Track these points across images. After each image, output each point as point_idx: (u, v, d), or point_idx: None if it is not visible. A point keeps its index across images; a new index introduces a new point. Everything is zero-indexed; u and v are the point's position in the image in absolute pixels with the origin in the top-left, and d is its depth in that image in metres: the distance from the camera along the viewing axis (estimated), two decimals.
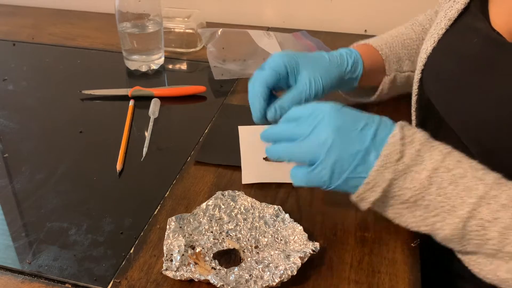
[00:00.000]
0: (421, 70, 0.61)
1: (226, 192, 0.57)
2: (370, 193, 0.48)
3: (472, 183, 0.46)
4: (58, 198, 0.61)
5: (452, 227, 0.46)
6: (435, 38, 0.59)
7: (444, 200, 0.46)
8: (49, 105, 0.82)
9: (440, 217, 0.46)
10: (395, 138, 0.47)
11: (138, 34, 0.88)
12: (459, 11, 0.57)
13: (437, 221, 0.47)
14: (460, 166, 0.47)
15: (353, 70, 0.68)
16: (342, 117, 0.49)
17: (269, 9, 1.13)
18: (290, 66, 0.63)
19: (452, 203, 0.46)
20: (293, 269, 0.47)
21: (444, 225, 0.46)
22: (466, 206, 0.45)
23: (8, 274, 0.51)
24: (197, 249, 0.51)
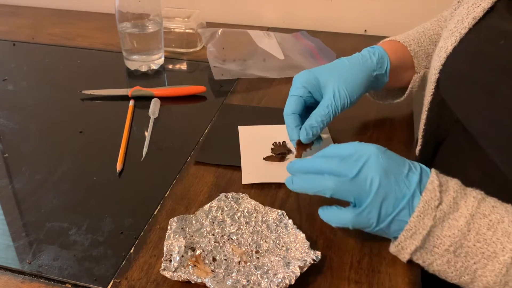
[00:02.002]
0: (439, 70, 0.58)
1: (230, 195, 0.57)
2: (411, 241, 0.47)
3: (511, 228, 0.45)
4: (58, 198, 0.61)
5: (494, 273, 0.45)
6: (456, 37, 0.56)
7: (484, 246, 0.45)
8: (49, 105, 0.82)
9: (481, 264, 0.46)
10: (434, 184, 0.47)
11: (138, 34, 0.88)
12: (485, 10, 0.54)
13: (478, 268, 0.46)
14: (496, 211, 0.46)
15: (380, 66, 0.66)
16: (388, 160, 0.49)
17: (269, 9, 1.13)
18: (310, 85, 0.63)
19: (492, 249, 0.45)
20: (291, 279, 0.47)
21: (485, 271, 0.46)
22: (507, 251, 0.44)
23: (8, 274, 0.51)
24: (197, 252, 0.51)
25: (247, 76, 0.89)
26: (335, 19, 1.10)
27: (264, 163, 0.65)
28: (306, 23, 1.10)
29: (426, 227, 0.46)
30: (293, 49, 0.95)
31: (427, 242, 0.47)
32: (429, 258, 0.48)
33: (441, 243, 0.46)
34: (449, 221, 0.46)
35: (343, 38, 1.05)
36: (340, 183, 0.48)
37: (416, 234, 0.47)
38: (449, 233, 0.46)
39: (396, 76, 0.69)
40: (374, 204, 0.47)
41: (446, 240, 0.46)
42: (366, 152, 0.49)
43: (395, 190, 0.47)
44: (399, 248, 0.49)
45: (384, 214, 0.47)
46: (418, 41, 0.71)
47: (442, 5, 0.73)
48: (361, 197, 0.48)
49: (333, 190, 0.49)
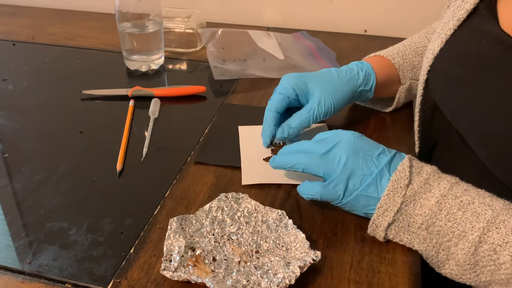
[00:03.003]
0: (427, 71, 0.61)
1: (230, 195, 0.57)
2: (383, 218, 0.51)
3: (480, 208, 0.47)
4: (58, 198, 0.61)
5: (464, 252, 0.47)
6: (442, 38, 0.59)
7: (454, 225, 0.48)
8: (49, 105, 0.82)
9: (452, 242, 0.48)
10: (404, 165, 0.51)
11: (138, 34, 0.88)
12: (468, 12, 0.56)
13: (451, 246, 0.48)
14: (468, 194, 0.49)
15: (365, 83, 0.69)
16: (360, 142, 0.53)
17: (269, 9, 1.13)
18: (298, 88, 0.65)
19: (462, 228, 0.47)
20: (291, 279, 0.47)
21: (457, 249, 0.47)
22: (475, 230, 0.46)
23: (8, 274, 0.51)
24: (197, 252, 0.51)
25: (247, 76, 0.89)
26: (335, 19, 1.10)
27: (264, 164, 0.65)
28: (306, 23, 1.10)
29: (396, 204, 0.50)
30: (293, 49, 0.95)
31: (400, 220, 0.51)
32: (407, 237, 0.51)
33: (414, 222, 0.50)
34: (421, 200, 0.49)
35: (343, 38, 1.05)
36: (311, 158, 0.54)
37: (388, 211, 0.51)
38: (420, 212, 0.49)
39: (384, 90, 0.73)
40: (341, 178, 0.52)
41: (418, 219, 0.50)
42: (341, 135, 0.54)
43: (362, 167, 0.52)
44: (374, 227, 0.52)
45: (351, 189, 0.52)
46: (402, 54, 0.73)
47: (442, 5, 0.73)
48: (329, 171, 0.53)
49: (304, 164, 0.54)
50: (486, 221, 0.46)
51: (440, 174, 0.51)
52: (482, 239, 0.46)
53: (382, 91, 0.73)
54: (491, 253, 0.46)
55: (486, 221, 0.46)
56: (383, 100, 0.77)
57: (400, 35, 1.05)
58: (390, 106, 0.76)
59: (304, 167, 0.55)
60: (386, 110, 0.76)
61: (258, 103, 0.81)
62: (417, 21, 1.04)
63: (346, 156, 0.52)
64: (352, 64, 0.71)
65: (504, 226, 0.46)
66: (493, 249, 0.45)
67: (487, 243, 0.46)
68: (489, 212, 0.47)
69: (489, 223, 0.46)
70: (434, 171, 0.51)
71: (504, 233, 0.45)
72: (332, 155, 0.53)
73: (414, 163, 0.52)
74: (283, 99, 0.64)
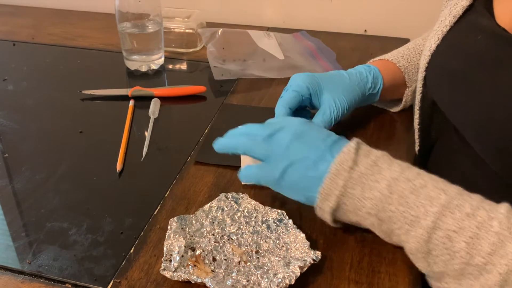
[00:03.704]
0: (425, 68, 0.61)
1: (230, 195, 0.57)
2: (326, 202, 0.49)
3: (434, 192, 0.45)
4: (58, 198, 0.61)
5: (416, 239, 0.45)
6: (439, 35, 0.59)
7: (406, 210, 0.45)
8: (49, 105, 0.82)
9: (404, 230, 0.46)
10: (349, 147, 0.49)
11: (138, 34, 0.88)
12: (464, 8, 0.57)
13: (401, 234, 0.46)
14: (421, 177, 0.47)
15: (373, 86, 0.69)
16: (306, 127, 0.52)
17: (269, 9, 1.13)
18: (312, 88, 0.64)
19: (414, 213, 0.45)
20: (291, 279, 0.47)
21: (409, 238, 0.45)
22: (429, 215, 0.44)
23: (8, 274, 0.51)
24: (197, 252, 0.51)
25: (247, 76, 0.89)
26: (335, 19, 1.10)
27: None
28: (306, 23, 1.10)
29: (338, 187, 0.47)
30: (293, 49, 0.95)
31: (347, 204, 0.48)
32: (356, 220, 0.49)
33: (362, 206, 0.47)
34: (370, 182, 0.47)
35: (343, 38, 1.05)
36: (253, 140, 0.52)
37: (330, 195, 0.48)
38: (369, 195, 0.47)
39: (390, 93, 0.73)
40: (280, 160, 0.50)
41: (367, 203, 0.47)
42: (289, 120, 0.54)
43: (304, 150, 0.50)
44: (321, 212, 0.50)
45: (289, 171, 0.50)
46: (407, 57, 0.73)
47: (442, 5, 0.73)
48: (270, 154, 0.51)
49: (245, 146, 0.53)
50: (440, 205, 0.44)
51: (391, 158, 0.49)
52: (435, 225, 0.44)
53: (388, 94, 0.73)
54: (445, 240, 0.43)
55: (440, 206, 0.44)
56: (392, 101, 0.77)
57: (400, 35, 1.06)
58: (397, 106, 0.76)
59: (245, 149, 0.53)
60: (393, 110, 0.77)
61: (258, 103, 0.81)
62: (417, 21, 1.04)
63: (290, 139, 0.50)
64: (360, 67, 0.71)
65: (459, 211, 0.44)
66: (447, 236, 0.43)
67: (441, 229, 0.43)
68: (443, 196, 0.45)
69: (444, 208, 0.44)
70: (384, 154, 0.49)
71: (459, 218, 0.43)
72: (276, 138, 0.51)
73: (362, 146, 0.50)
74: (296, 96, 0.63)
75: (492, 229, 0.42)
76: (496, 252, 0.41)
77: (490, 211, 0.43)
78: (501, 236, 0.42)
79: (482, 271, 0.42)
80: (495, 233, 0.42)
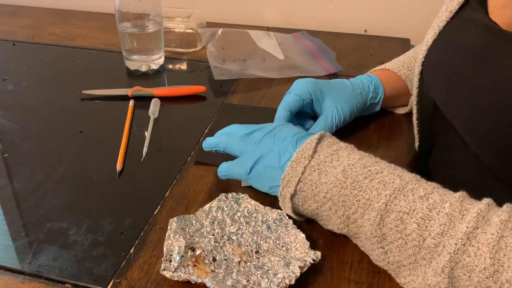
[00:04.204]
0: (422, 63, 0.62)
1: (230, 195, 0.57)
2: (287, 189, 0.51)
3: (388, 178, 0.46)
4: (58, 198, 0.61)
5: (370, 222, 0.45)
6: (435, 30, 0.60)
7: (359, 193, 0.47)
8: (49, 105, 0.82)
9: (359, 214, 0.47)
10: (312, 139, 0.51)
11: (138, 34, 0.88)
12: (460, 3, 0.58)
13: (357, 218, 0.47)
14: (378, 165, 0.48)
15: (374, 96, 0.71)
16: (280, 127, 0.56)
17: (269, 9, 1.13)
18: (315, 94, 0.65)
19: (367, 196, 0.46)
20: (291, 279, 0.47)
21: (364, 221, 0.46)
22: (381, 198, 0.45)
23: (8, 274, 0.51)
24: (197, 252, 0.51)
25: (247, 76, 0.89)
26: (335, 19, 1.10)
27: None
28: (306, 23, 1.10)
29: (298, 174, 0.50)
30: (293, 49, 0.95)
31: (305, 191, 0.50)
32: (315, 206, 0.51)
33: (319, 191, 0.50)
34: (327, 169, 0.49)
35: (343, 38, 1.05)
36: (232, 138, 0.57)
37: (290, 181, 0.51)
38: (325, 180, 0.49)
39: (392, 102, 0.75)
40: (251, 155, 0.55)
41: (323, 187, 0.49)
42: (268, 124, 0.57)
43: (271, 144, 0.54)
44: (282, 198, 0.53)
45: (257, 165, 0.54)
46: (408, 66, 0.74)
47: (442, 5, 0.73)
48: (244, 151, 0.56)
49: (225, 143, 0.58)
50: (393, 188, 0.45)
51: (354, 149, 0.51)
52: (388, 207, 0.44)
53: (390, 103, 0.75)
54: (398, 222, 0.44)
55: (393, 189, 0.45)
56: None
57: (400, 35, 1.06)
58: (403, 109, 0.77)
59: (224, 146, 0.58)
60: (398, 111, 0.77)
61: (258, 103, 0.81)
62: (417, 21, 1.04)
63: (262, 136, 0.55)
64: (362, 77, 0.72)
65: (412, 194, 0.44)
66: (399, 218, 0.44)
67: (394, 211, 0.44)
68: (398, 180, 0.46)
69: (396, 191, 0.45)
70: (348, 146, 0.52)
71: (411, 201, 0.44)
72: (251, 136, 0.56)
73: (328, 138, 0.52)
74: (298, 100, 0.65)
75: (443, 211, 0.43)
76: (446, 233, 0.42)
77: (444, 195, 0.44)
78: (451, 217, 0.42)
79: (434, 253, 0.43)
80: (446, 214, 0.43)
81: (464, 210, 0.43)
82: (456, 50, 0.56)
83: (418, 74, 0.63)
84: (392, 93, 0.73)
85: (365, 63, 0.93)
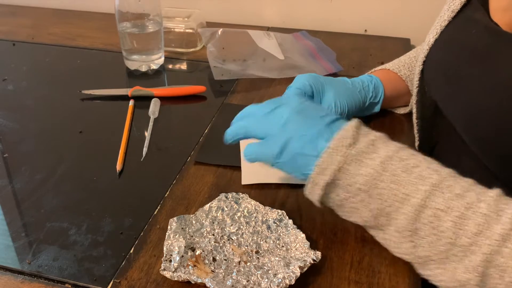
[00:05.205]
0: (423, 62, 0.62)
1: (230, 195, 0.57)
2: (321, 176, 0.48)
3: (426, 172, 0.46)
4: (58, 198, 0.61)
5: (405, 216, 0.45)
6: (437, 30, 0.60)
7: (397, 187, 0.46)
8: (49, 105, 0.82)
9: (394, 207, 0.46)
10: (351, 126, 0.49)
11: (138, 34, 0.88)
12: (462, 3, 0.58)
13: (391, 211, 0.46)
14: (415, 158, 0.48)
15: (374, 95, 0.70)
16: (305, 105, 0.52)
17: (269, 9, 1.13)
18: (315, 87, 0.65)
19: (405, 190, 0.45)
20: (291, 279, 0.47)
21: (398, 215, 0.46)
22: (419, 193, 0.45)
23: (8, 274, 0.51)
24: (197, 252, 0.51)
25: (247, 76, 0.89)
26: (335, 19, 1.10)
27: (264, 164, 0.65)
28: (306, 23, 1.10)
29: (336, 162, 0.47)
30: (293, 49, 0.95)
31: (340, 179, 0.48)
32: (344, 196, 0.48)
33: (355, 181, 0.47)
34: (365, 160, 0.47)
35: (343, 38, 1.05)
36: (253, 120, 0.53)
37: (327, 169, 0.48)
38: (363, 172, 0.47)
39: (392, 102, 0.75)
40: (279, 136, 0.50)
41: (359, 178, 0.47)
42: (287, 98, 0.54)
43: (303, 126, 0.50)
44: (312, 184, 0.49)
45: (288, 147, 0.50)
46: (408, 66, 0.74)
47: (442, 5, 0.73)
48: (269, 131, 0.51)
49: (245, 128, 0.53)
50: (431, 184, 0.45)
51: (389, 139, 0.50)
52: (425, 203, 0.44)
53: (391, 103, 0.74)
54: (433, 219, 0.44)
55: (431, 185, 0.45)
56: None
57: (400, 35, 1.06)
58: (403, 109, 0.77)
59: (245, 131, 0.53)
60: (399, 111, 0.77)
61: (258, 103, 0.81)
62: (417, 21, 1.04)
63: (288, 115, 0.51)
64: (362, 76, 0.72)
65: (449, 191, 0.44)
66: (435, 215, 0.44)
67: (430, 208, 0.44)
68: (435, 176, 0.45)
69: (434, 187, 0.45)
70: (382, 136, 0.50)
71: (448, 198, 0.44)
72: (274, 114, 0.52)
73: (362, 127, 0.50)
74: (299, 93, 0.64)
75: (480, 211, 0.43)
76: (481, 233, 0.42)
77: (480, 194, 0.44)
78: (488, 218, 0.42)
79: (467, 252, 0.42)
80: (483, 214, 0.42)
81: (499, 210, 0.43)
82: (457, 50, 0.56)
83: (418, 73, 0.63)
84: (393, 94, 0.73)
85: (365, 63, 0.93)
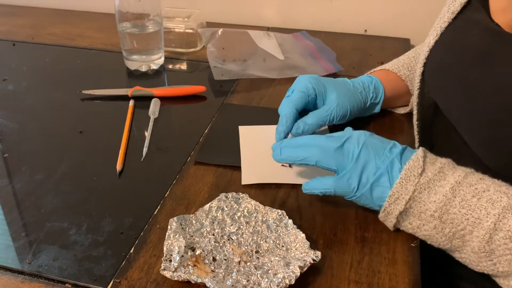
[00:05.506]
0: (423, 64, 0.62)
1: (230, 194, 0.57)
2: (395, 206, 0.51)
3: (495, 196, 0.47)
4: (58, 198, 0.61)
5: (478, 240, 0.46)
6: (437, 31, 0.60)
7: (468, 212, 0.47)
8: (49, 105, 0.82)
9: (467, 230, 0.47)
10: (418, 155, 0.51)
11: (138, 34, 0.88)
12: (462, 4, 0.58)
13: (465, 234, 0.48)
14: (483, 182, 0.49)
15: (375, 96, 0.71)
16: (371, 138, 0.54)
17: (269, 9, 1.13)
18: (318, 89, 0.65)
19: (476, 215, 0.47)
20: (291, 278, 0.47)
21: (472, 237, 0.47)
22: (490, 217, 0.46)
23: (8, 274, 0.51)
24: (197, 252, 0.51)
25: (247, 76, 0.89)
26: (335, 19, 1.10)
27: (265, 164, 0.65)
28: (306, 23, 1.10)
29: (408, 192, 0.50)
30: (293, 49, 0.95)
31: (412, 208, 0.50)
32: (417, 224, 0.51)
33: (427, 209, 0.49)
34: (435, 188, 0.49)
35: (343, 38, 1.05)
36: (325, 151, 0.54)
37: (399, 199, 0.50)
38: (434, 199, 0.49)
39: (393, 102, 0.75)
40: (354, 170, 0.52)
41: (431, 206, 0.49)
42: (351, 132, 0.55)
43: (374, 159, 0.52)
44: (385, 213, 0.52)
45: (364, 181, 0.52)
46: (408, 66, 0.74)
47: (442, 5, 0.73)
48: (343, 164, 0.53)
49: (318, 157, 0.54)
50: (502, 207, 0.46)
51: (455, 165, 0.52)
52: (497, 226, 0.46)
53: (391, 103, 0.75)
54: (507, 241, 0.45)
55: (502, 208, 0.46)
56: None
57: (400, 35, 1.06)
58: (403, 108, 0.77)
59: (317, 159, 0.54)
60: (399, 111, 0.77)
61: (258, 103, 0.81)
62: (417, 21, 1.04)
63: (359, 149, 0.53)
64: (362, 77, 0.72)
65: None
66: (509, 237, 0.45)
67: (503, 230, 0.45)
68: (505, 199, 0.47)
69: (505, 210, 0.46)
70: (449, 162, 0.52)
71: None
72: (345, 149, 0.53)
73: (428, 154, 0.52)
74: (303, 97, 0.64)
75: None
76: None
77: None
78: None
79: None
80: None
81: None
82: (458, 51, 0.56)
83: (419, 75, 0.63)
84: (392, 94, 0.73)
85: (365, 63, 0.93)
